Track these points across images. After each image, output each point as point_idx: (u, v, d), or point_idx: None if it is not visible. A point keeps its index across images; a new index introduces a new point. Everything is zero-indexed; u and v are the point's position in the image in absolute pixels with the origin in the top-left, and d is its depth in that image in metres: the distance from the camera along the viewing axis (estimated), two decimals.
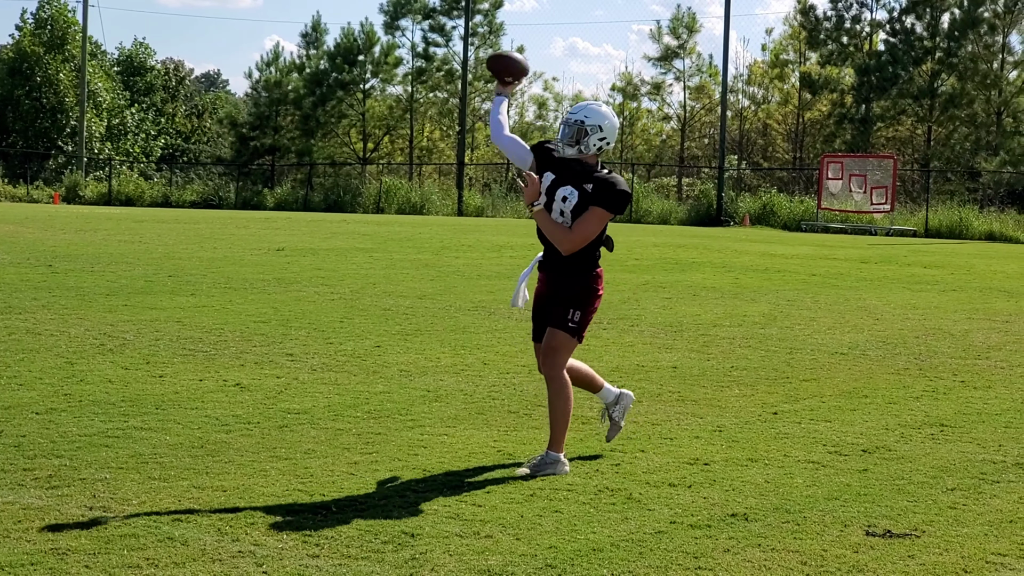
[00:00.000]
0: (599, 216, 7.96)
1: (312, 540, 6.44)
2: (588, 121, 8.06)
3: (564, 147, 8.08)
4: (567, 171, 8.10)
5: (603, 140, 8.11)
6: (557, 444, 8.03)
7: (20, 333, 13.14)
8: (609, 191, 7.97)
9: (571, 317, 8.05)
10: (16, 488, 7.23)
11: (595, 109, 8.12)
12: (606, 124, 8.10)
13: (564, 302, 8.06)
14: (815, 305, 18.25)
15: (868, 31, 64.39)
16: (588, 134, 8.04)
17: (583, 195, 8.00)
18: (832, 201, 47.57)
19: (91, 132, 74.55)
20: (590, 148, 8.06)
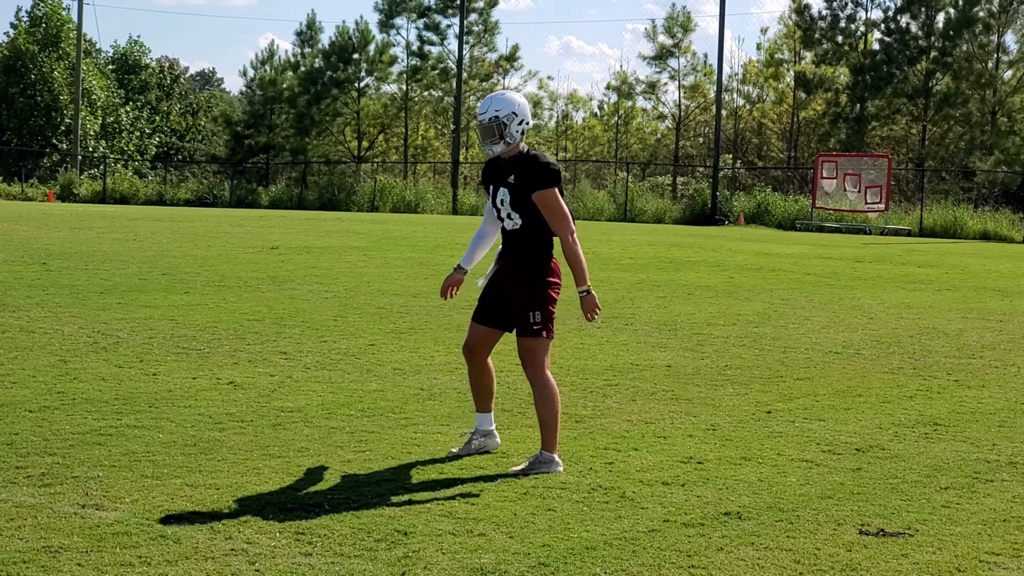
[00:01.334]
0: (548, 198, 7.97)
1: (305, 538, 6.43)
2: (502, 113, 7.98)
3: (491, 147, 8.04)
4: (498, 172, 8.15)
5: (523, 123, 8.06)
6: (550, 444, 8.02)
7: (14, 331, 13.12)
8: (540, 172, 7.97)
9: (533, 321, 8.02)
10: (8, 486, 7.22)
11: (501, 99, 8.07)
12: (518, 108, 8.02)
13: (522, 305, 8.04)
14: (809, 304, 18.26)
15: (863, 30, 64.39)
16: (507, 125, 7.98)
17: (510, 188, 8.01)
18: (827, 200, 47.57)
19: (86, 130, 74.50)
20: (515, 138, 8.03)
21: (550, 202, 7.97)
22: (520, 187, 7.99)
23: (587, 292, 8.11)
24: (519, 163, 8.03)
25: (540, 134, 76.93)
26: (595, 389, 10.99)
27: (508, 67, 72.02)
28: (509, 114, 7.98)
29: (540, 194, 7.95)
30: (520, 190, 7.99)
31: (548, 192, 7.95)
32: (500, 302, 8.23)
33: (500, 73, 72.04)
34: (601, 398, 10.58)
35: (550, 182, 7.96)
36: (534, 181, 7.96)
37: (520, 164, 8.02)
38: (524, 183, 7.98)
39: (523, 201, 8.00)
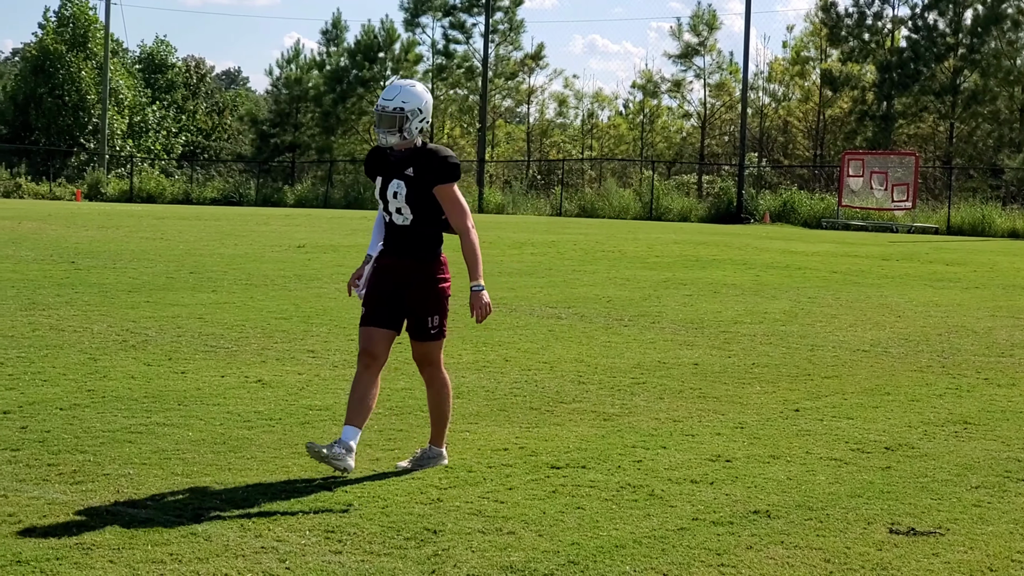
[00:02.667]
0: (451, 193, 7.76)
1: (335, 536, 6.45)
2: (408, 106, 7.67)
3: (385, 136, 7.68)
4: (389, 165, 7.83)
5: (423, 122, 7.75)
6: (440, 439, 8.02)
7: (44, 329, 13.18)
8: (441, 165, 7.71)
9: (431, 325, 7.81)
10: (41, 483, 7.26)
11: (412, 92, 7.74)
12: (424, 106, 7.74)
13: (419, 310, 7.78)
14: (836, 302, 18.21)
15: (890, 27, 64.19)
16: (409, 119, 7.67)
17: (408, 180, 7.71)
18: (853, 198, 47.43)
19: (113, 129, 74.75)
20: (412, 133, 7.71)
21: (452, 196, 7.75)
22: (419, 180, 7.70)
23: (480, 288, 7.87)
24: (418, 156, 7.75)
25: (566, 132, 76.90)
26: (623, 387, 10.99)
27: (533, 65, 72.05)
28: (414, 109, 7.69)
29: (442, 188, 7.72)
30: (419, 183, 7.71)
31: (449, 187, 7.75)
32: (392, 301, 7.81)
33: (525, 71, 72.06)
34: (629, 396, 10.58)
35: (451, 176, 7.74)
36: (436, 175, 7.71)
37: (419, 157, 7.74)
38: (424, 176, 7.71)
39: (420, 195, 7.72)
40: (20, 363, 11.13)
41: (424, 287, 7.77)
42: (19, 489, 7.12)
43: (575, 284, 19.68)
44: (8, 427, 8.67)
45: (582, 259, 24.61)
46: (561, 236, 32.23)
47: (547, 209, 56.67)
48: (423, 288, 7.77)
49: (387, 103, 7.67)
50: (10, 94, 79.78)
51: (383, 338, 7.80)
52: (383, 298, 7.82)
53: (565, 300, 17.40)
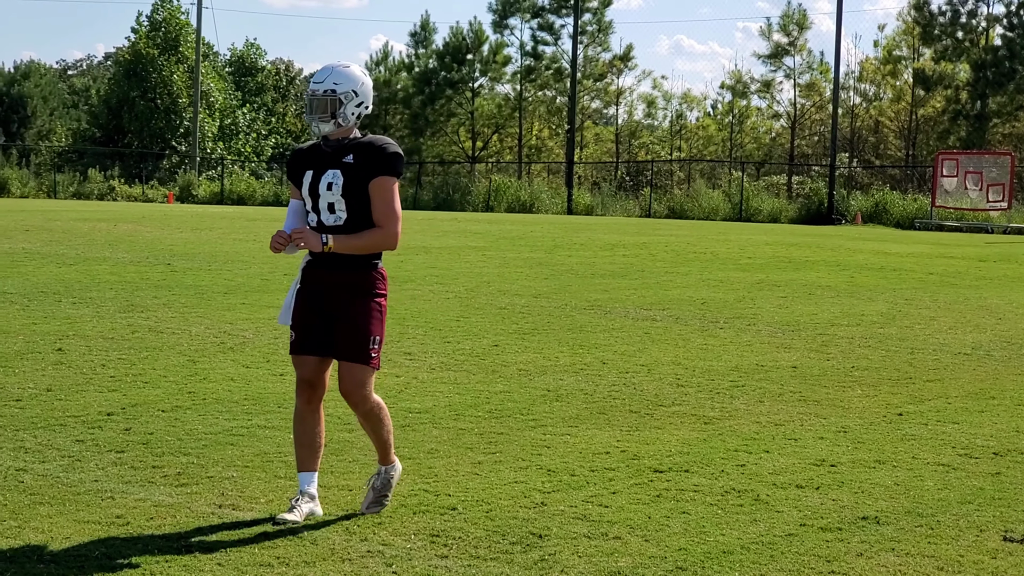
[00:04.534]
0: (387, 186, 6.76)
1: (440, 540, 6.42)
2: (340, 88, 6.80)
3: (318, 123, 6.80)
4: (321, 157, 6.88)
5: (361, 106, 6.87)
6: (387, 457, 7.07)
7: (143, 331, 13.29)
8: (385, 155, 6.79)
9: (372, 347, 6.83)
10: (146, 485, 7.30)
11: (344, 73, 6.88)
12: (360, 88, 6.86)
13: (355, 329, 6.78)
14: (934, 304, 17.97)
15: (984, 25, 63.38)
16: (343, 103, 6.80)
17: (346, 169, 6.77)
18: (947, 199, 46.86)
19: (204, 132, 75.46)
20: (348, 119, 6.81)
21: (387, 191, 6.75)
22: (359, 170, 6.76)
23: (326, 241, 6.69)
24: (360, 145, 6.82)
25: (654, 133, 76.65)
26: (722, 390, 10.89)
27: (622, 67, 71.88)
28: (348, 92, 6.82)
29: (381, 180, 6.74)
30: (359, 174, 6.76)
31: (389, 180, 6.77)
32: (324, 322, 6.84)
33: (614, 73, 71.90)
34: (728, 399, 10.48)
35: (392, 169, 6.79)
36: (377, 165, 6.76)
37: (361, 146, 6.81)
38: (365, 166, 6.76)
39: (360, 188, 6.75)
40: (121, 365, 11.22)
41: (362, 304, 6.83)
42: (125, 491, 7.16)
43: (668, 286, 19.57)
44: (112, 429, 8.74)
45: (674, 261, 24.48)
46: (652, 238, 32.10)
47: (636, 210, 56.49)
48: (360, 304, 6.82)
49: (317, 86, 6.83)
50: (104, 98, 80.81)
51: (320, 366, 6.90)
52: (314, 320, 6.86)
53: (659, 302, 17.30)
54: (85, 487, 7.22)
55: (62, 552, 6.09)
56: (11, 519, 6.57)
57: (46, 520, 6.57)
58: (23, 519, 6.58)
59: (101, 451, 8.11)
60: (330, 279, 6.81)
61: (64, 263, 20.39)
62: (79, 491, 7.13)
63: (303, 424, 6.94)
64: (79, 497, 7.01)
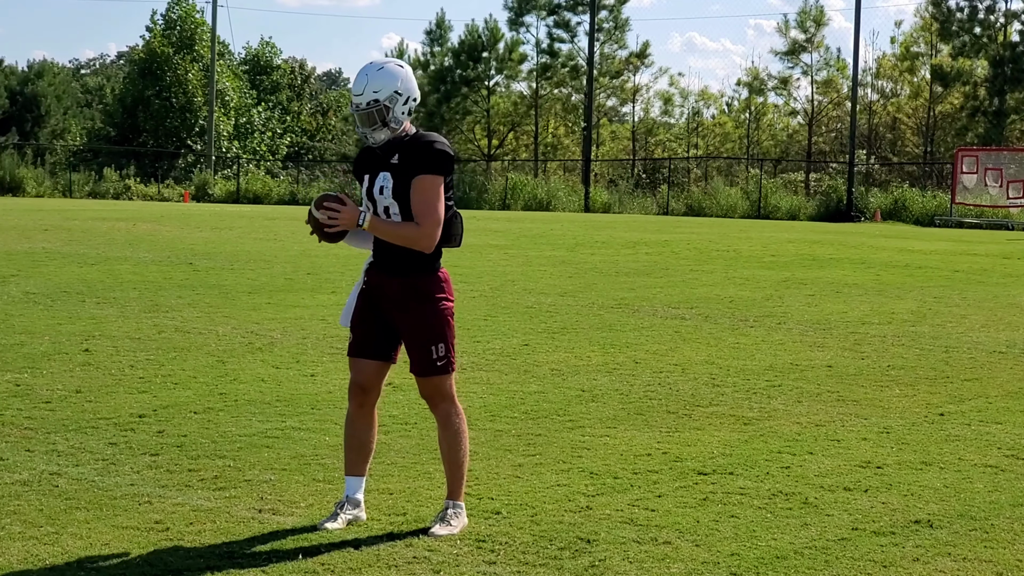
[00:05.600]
0: (428, 185, 6.43)
1: (486, 546, 6.29)
2: (383, 95, 6.45)
3: (372, 135, 6.52)
4: (375, 159, 6.60)
5: (408, 101, 6.54)
6: (459, 492, 6.71)
7: (169, 331, 13.18)
8: (427, 152, 6.47)
9: (437, 356, 6.58)
10: (184, 489, 7.17)
11: (381, 76, 6.49)
12: (402, 85, 6.50)
13: (417, 338, 6.56)
14: (963, 302, 17.80)
15: (1003, 21, 63.05)
16: (390, 108, 6.48)
17: (394, 170, 6.50)
18: (967, 196, 46.63)
19: (219, 131, 75.39)
20: (400, 120, 6.51)
21: (427, 189, 6.43)
22: (405, 169, 6.48)
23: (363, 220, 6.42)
24: (404, 144, 6.53)
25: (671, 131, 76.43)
26: (758, 390, 10.74)
27: (638, 64, 71.65)
28: (391, 94, 6.48)
29: (421, 178, 6.43)
30: (404, 173, 6.49)
31: (430, 178, 6.44)
32: (383, 326, 6.66)
33: (631, 70, 71.69)
34: (766, 399, 10.33)
35: (435, 167, 6.44)
36: (420, 163, 6.45)
37: (405, 144, 6.52)
38: (409, 165, 6.48)
39: (406, 189, 6.47)
40: (150, 366, 11.11)
41: (421, 310, 6.56)
42: (163, 495, 7.04)
43: (694, 284, 19.41)
44: (145, 431, 8.62)
45: (697, 259, 24.33)
46: (673, 235, 31.95)
47: (653, 208, 56.32)
48: (421, 311, 6.54)
49: (359, 99, 6.48)
50: (119, 97, 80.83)
51: (371, 370, 6.70)
52: (373, 323, 6.67)
53: (687, 300, 17.15)
54: (121, 491, 7.10)
55: (102, 559, 5.96)
56: (48, 525, 6.45)
57: (84, 526, 6.45)
58: (60, 525, 6.46)
59: (135, 454, 7.99)
60: (389, 282, 6.57)
61: (85, 263, 20.29)
62: (115, 495, 7.01)
63: (353, 427, 6.75)
64: (116, 502, 6.89)
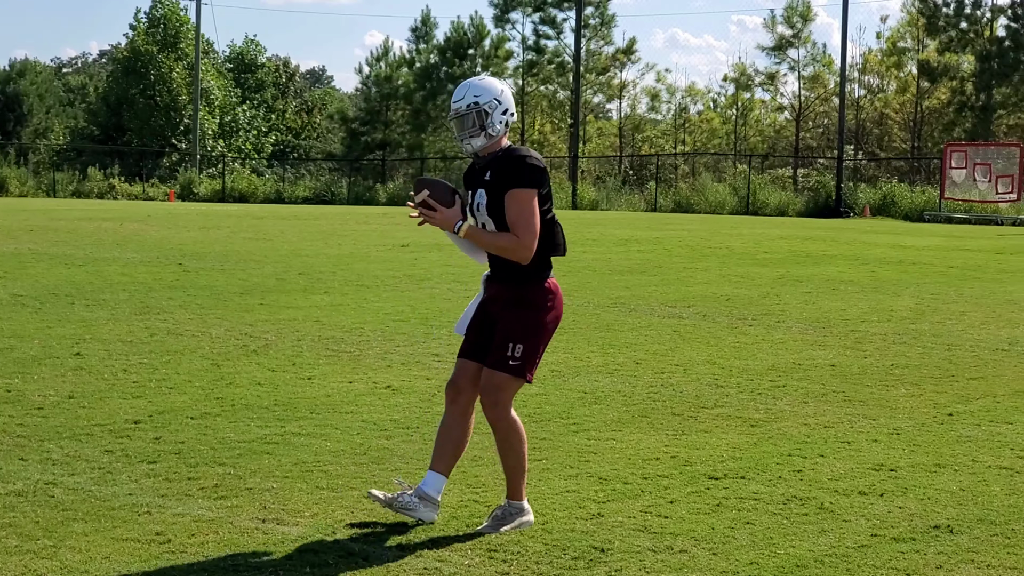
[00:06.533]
0: (521, 198, 6.50)
1: (498, 556, 6.12)
2: (483, 99, 6.63)
3: (469, 141, 6.64)
4: (473, 175, 6.76)
5: (507, 113, 6.67)
6: (517, 492, 6.70)
7: (162, 334, 12.97)
8: (517, 166, 6.52)
9: (512, 354, 6.57)
10: (184, 499, 6.98)
11: (482, 85, 6.72)
12: (501, 96, 6.68)
13: (503, 333, 6.61)
14: (961, 299, 17.66)
15: (989, 16, 63.01)
16: (489, 113, 6.63)
17: (487, 187, 6.60)
18: (955, 191, 46.56)
19: (204, 130, 75.10)
20: (497, 129, 6.63)
21: (521, 202, 6.51)
22: (497, 185, 6.57)
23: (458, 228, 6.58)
24: (496, 159, 6.62)
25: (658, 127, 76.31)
26: (763, 391, 10.57)
27: (625, 60, 71.51)
28: (491, 101, 6.65)
29: (512, 192, 6.50)
30: (497, 189, 6.58)
31: (521, 192, 6.50)
32: (485, 331, 6.77)
33: (617, 66, 71.54)
34: (771, 400, 10.17)
35: (525, 180, 6.50)
36: (509, 178, 6.52)
37: (497, 160, 6.62)
38: (501, 180, 6.56)
39: (500, 205, 6.57)
40: (144, 370, 10.91)
41: (517, 311, 6.62)
42: (162, 505, 6.85)
43: (690, 282, 19.25)
44: (141, 438, 8.42)
45: (690, 256, 24.17)
46: (664, 232, 31.80)
47: (641, 205, 56.18)
48: (516, 312, 6.61)
49: (458, 103, 6.68)
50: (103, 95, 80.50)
51: (471, 370, 6.76)
52: (481, 327, 6.79)
53: (683, 299, 16.98)
54: (119, 501, 6.91)
55: (102, 574, 5.77)
56: (45, 537, 6.26)
57: (82, 538, 6.25)
58: (58, 537, 6.26)
59: (132, 462, 7.79)
60: (498, 291, 6.70)
61: (73, 264, 20.07)
62: (113, 506, 6.82)
63: (443, 423, 6.82)
64: (114, 512, 6.70)
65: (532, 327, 6.60)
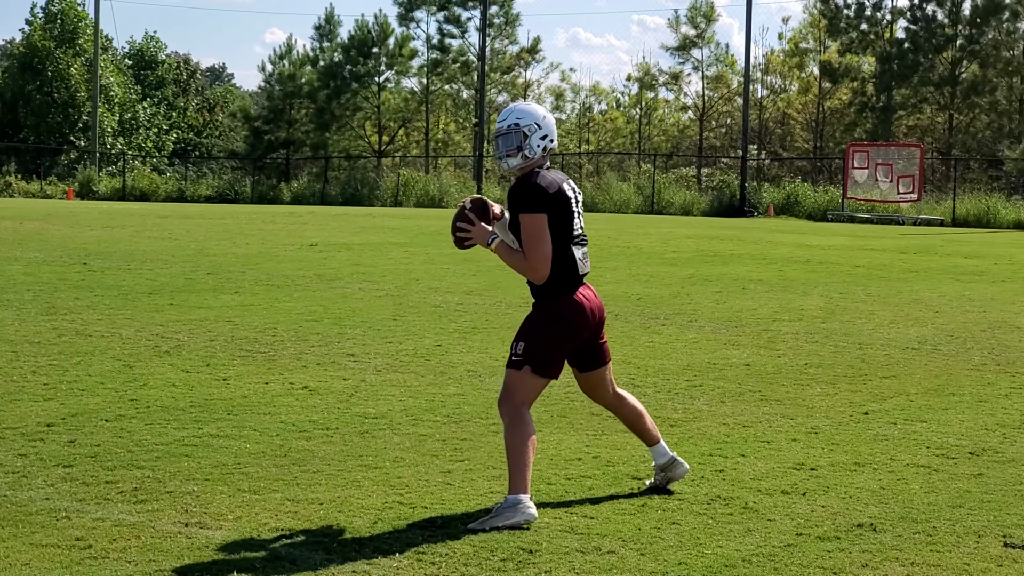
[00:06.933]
0: (528, 222, 6.87)
1: (427, 558, 6.07)
2: (524, 122, 7.02)
3: (506, 160, 7.05)
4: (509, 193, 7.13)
5: (545, 139, 7.05)
6: (516, 485, 6.77)
7: (70, 335, 12.77)
8: (525, 192, 6.90)
9: (516, 351, 6.99)
10: (103, 503, 6.86)
11: (526, 109, 7.11)
12: (543, 121, 7.06)
13: (517, 334, 7.07)
14: (869, 298, 17.84)
15: (889, 18, 63.86)
16: (528, 136, 7.00)
17: (509, 206, 7.05)
18: (858, 191, 47.11)
19: (103, 127, 74.11)
20: (535, 151, 7.02)
21: (528, 226, 6.88)
22: (511, 207, 7.00)
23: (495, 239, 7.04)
24: (516, 182, 7.02)
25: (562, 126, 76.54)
26: (680, 390, 10.61)
27: (530, 59, 71.60)
28: (531, 124, 7.03)
29: (521, 217, 6.90)
30: (512, 211, 7.00)
31: (529, 217, 6.87)
32: None
33: (521, 66, 71.62)
34: (688, 400, 10.21)
35: (532, 206, 6.86)
36: (515, 203, 6.94)
37: (516, 183, 7.00)
38: (513, 203, 6.98)
39: (516, 225, 6.99)
40: (54, 371, 10.72)
41: (531, 315, 7.10)
42: (81, 509, 6.73)
43: (599, 281, 19.27)
44: (55, 441, 8.28)
45: (599, 255, 24.19)
46: None
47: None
48: (530, 316, 7.10)
49: (502, 123, 7.08)
50: None
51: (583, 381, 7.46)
52: None
53: None
54: (36, 506, 6.78)
55: None
56: None
57: (0, 545, 6.12)
58: None
59: (47, 466, 7.65)
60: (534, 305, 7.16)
61: None
62: (31, 511, 6.69)
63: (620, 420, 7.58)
64: (32, 517, 6.57)
65: (539, 327, 6.99)
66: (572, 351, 7.14)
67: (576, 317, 7.01)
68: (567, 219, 6.98)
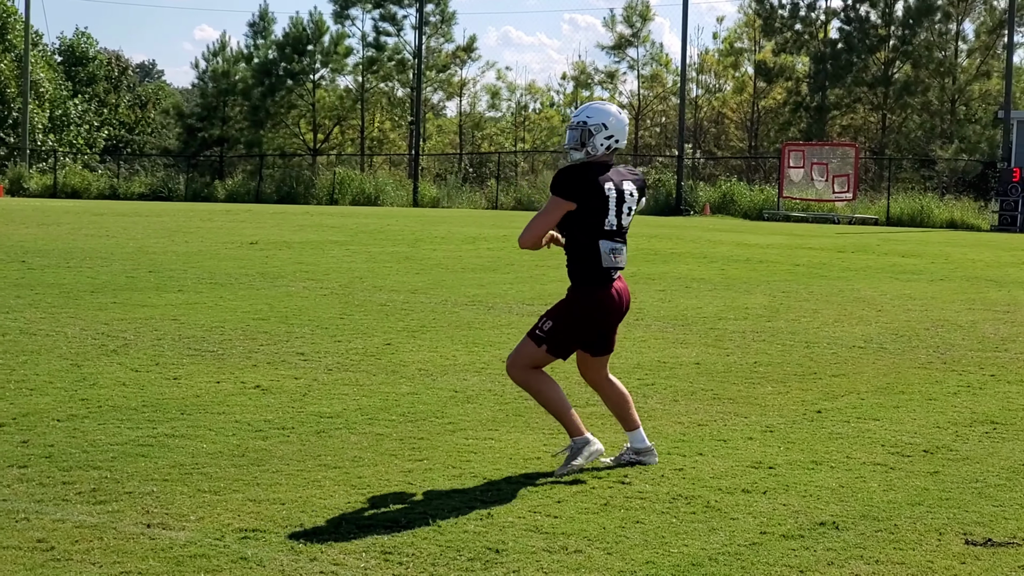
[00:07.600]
0: (549, 203, 7.51)
1: (394, 558, 6.04)
2: (591, 121, 7.55)
3: (571, 152, 7.63)
4: None
5: (611, 139, 7.58)
6: (572, 429, 7.73)
7: (14, 333, 12.61)
8: (556, 173, 7.55)
9: (540, 325, 7.64)
10: (62, 504, 6.78)
11: (598, 108, 7.63)
12: (611, 121, 7.57)
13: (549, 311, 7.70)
14: (812, 296, 17.96)
15: (823, 19, 64.33)
16: (593, 134, 7.53)
17: None
18: (793, 190, 47.43)
19: (34, 123, 73.35)
20: (597, 149, 7.56)
21: (546, 207, 7.54)
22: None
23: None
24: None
25: (498, 125, 76.49)
26: (632, 389, 10.55)
27: (466, 57, 71.55)
28: (598, 124, 7.55)
29: (551, 197, 7.54)
30: None
31: (552, 200, 7.49)
32: None
33: (457, 64, 71.56)
34: (641, 398, 10.21)
35: (554, 189, 7.48)
36: (552, 180, 7.58)
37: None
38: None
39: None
40: (0, 371, 10.58)
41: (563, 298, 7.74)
42: (40, 511, 6.64)
43: (544, 280, 19.31)
44: (7, 441, 8.17)
45: (540, 253, 24.16)
46: (510, 230, 31.83)
47: (483, 202, 56.26)
48: (562, 299, 7.74)
49: (574, 117, 7.64)
50: None
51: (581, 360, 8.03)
52: None
53: (540, 296, 17.03)
54: None
55: None
56: None
57: None
58: None
59: (1, 467, 7.54)
60: None
61: None
62: None
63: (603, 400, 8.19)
64: None
65: (563, 313, 7.60)
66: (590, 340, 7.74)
67: (602, 313, 7.61)
68: (598, 212, 7.50)
